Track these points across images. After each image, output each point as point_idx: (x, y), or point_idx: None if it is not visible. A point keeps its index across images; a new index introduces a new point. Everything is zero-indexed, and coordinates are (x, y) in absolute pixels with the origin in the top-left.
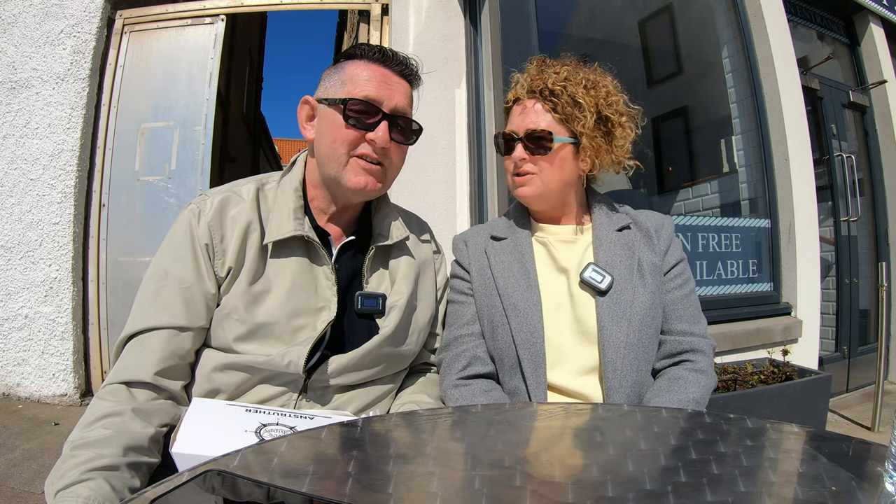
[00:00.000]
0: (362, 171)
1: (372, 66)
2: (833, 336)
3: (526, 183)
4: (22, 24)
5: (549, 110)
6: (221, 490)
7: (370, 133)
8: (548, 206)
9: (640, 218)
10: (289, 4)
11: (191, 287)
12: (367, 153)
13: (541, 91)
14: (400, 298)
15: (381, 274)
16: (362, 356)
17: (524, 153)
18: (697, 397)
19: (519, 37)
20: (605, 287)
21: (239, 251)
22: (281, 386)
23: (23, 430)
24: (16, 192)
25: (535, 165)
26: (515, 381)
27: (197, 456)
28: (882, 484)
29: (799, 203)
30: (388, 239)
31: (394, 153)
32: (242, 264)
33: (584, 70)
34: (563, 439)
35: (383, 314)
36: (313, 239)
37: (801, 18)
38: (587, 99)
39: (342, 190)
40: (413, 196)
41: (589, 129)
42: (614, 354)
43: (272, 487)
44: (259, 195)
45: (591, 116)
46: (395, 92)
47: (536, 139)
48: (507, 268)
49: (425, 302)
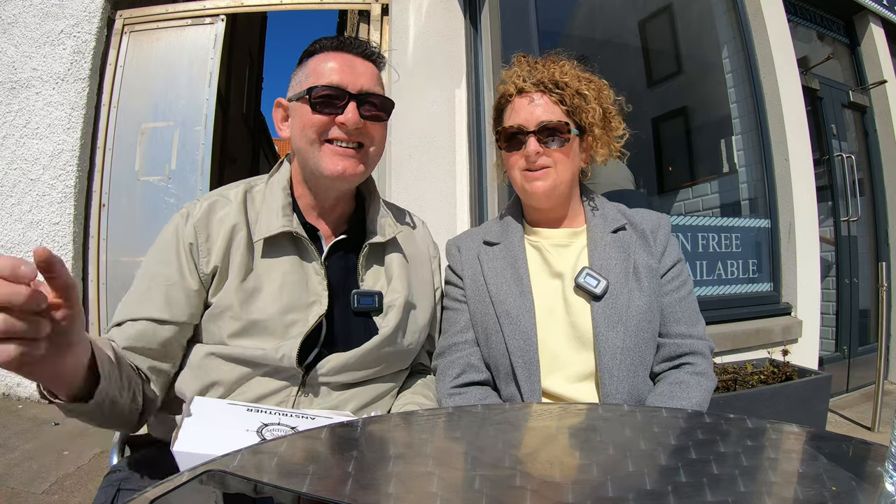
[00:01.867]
0: (338, 156)
1: (332, 54)
2: (833, 336)
3: (542, 177)
4: (22, 24)
5: (556, 102)
6: (221, 490)
7: (340, 116)
8: (556, 202)
9: (636, 218)
10: (289, 4)
11: (174, 285)
12: (339, 136)
13: (547, 84)
14: (398, 297)
15: (376, 271)
16: (362, 355)
17: (538, 146)
18: (700, 401)
19: (519, 37)
20: (599, 292)
21: (224, 251)
22: (280, 381)
23: (23, 430)
24: (16, 192)
25: (550, 158)
26: (510, 389)
27: (199, 454)
28: (882, 484)
29: (799, 203)
30: (382, 236)
31: (373, 131)
32: (229, 264)
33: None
34: (563, 439)
35: (380, 312)
36: (301, 234)
37: (801, 18)
38: (590, 91)
39: (323, 180)
40: (413, 196)
41: (598, 120)
42: (610, 360)
43: (272, 487)
44: (247, 197)
45: (598, 108)
46: (359, 74)
47: (552, 131)
48: (500, 274)
49: (423, 301)
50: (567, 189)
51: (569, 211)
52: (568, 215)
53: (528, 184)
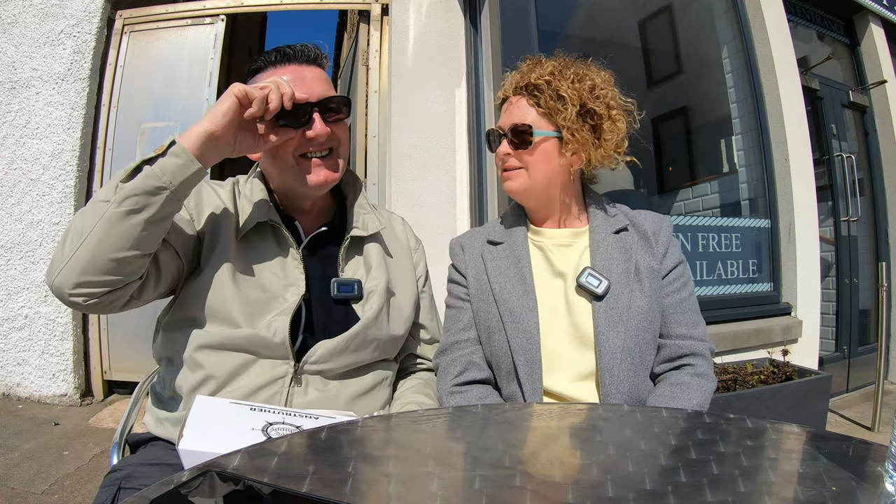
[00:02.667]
0: (316, 167)
1: (278, 69)
2: (833, 336)
3: (511, 178)
4: (22, 24)
5: (532, 105)
6: (221, 490)
7: (309, 131)
8: (535, 201)
9: (638, 219)
10: (289, 4)
11: (179, 218)
12: (312, 149)
13: (525, 87)
14: (378, 283)
15: (356, 262)
16: (349, 339)
17: (508, 148)
18: (700, 402)
19: (519, 37)
20: (601, 292)
21: (213, 224)
22: (273, 371)
23: (23, 430)
24: (16, 192)
25: (520, 160)
26: (512, 387)
27: (205, 452)
28: (882, 484)
29: (799, 203)
30: (364, 230)
31: (339, 132)
32: (214, 243)
33: (575, 65)
34: (563, 439)
35: (360, 299)
36: (277, 222)
37: (801, 18)
38: (570, 92)
39: (304, 190)
40: (413, 196)
41: (570, 122)
42: (611, 360)
43: (272, 487)
44: (234, 188)
45: (572, 109)
46: (311, 82)
47: (518, 133)
48: (504, 273)
49: (405, 288)
50: (546, 189)
51: (564, 211)
52: (570, 216)
53: (503, 183)
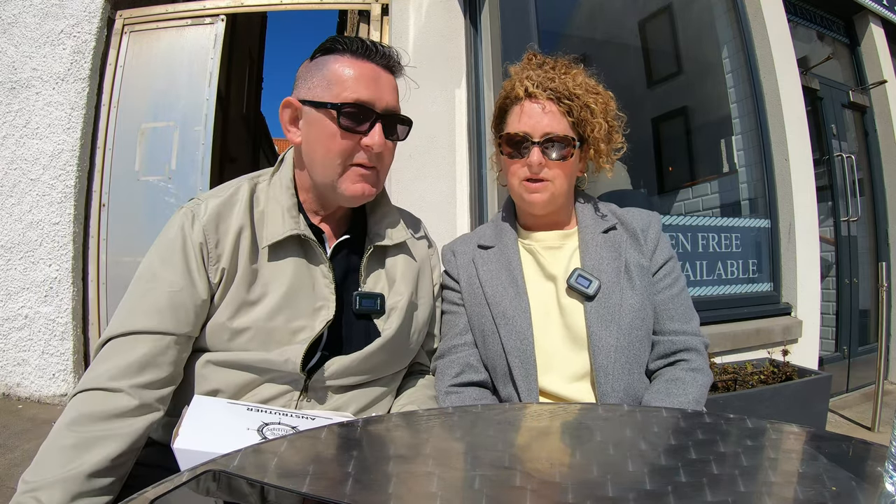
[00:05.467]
0: (359, 178)
1: (357, 62)
2: (833, 336)
3: (540, 190)
4: (22, 24)
5: (564, 113)
6: (221, 490)
7: (365, 139)
8: (552, 210)
9: (627, 217)
10: (289, 4)
11: (180, 291)
12: (363, 161)
13: (560, 92)
14: (401, 299)
15: (377, 273)
16: (365, 358)
17: (542, 158)
18: (697, 397)
19: (519, 37)
20: (592, 292)
21: (232, 255)
22: (282, 385)
23: (23, 430)
24: (16, 192)
25: (552, 171)
26: (508, 389)
27: (200, 452)
28: (882, 484)
29: (799, 203)
30: (388, 240)
31: (386, 154)
32: (236, 270)
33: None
34: (563, 439)
35: (381, 314)
36: (310, 237)
37: (801, 18)
38: (597, 105)
39: (337, 196)
40: (413, 196)
41: (602, 135)
42: (605, 359)
43: (272, 487)
44: (252, 197)
45: (604, 122)
46: (385, 90)
47: (556, 144)
48: (495, 276)
49: (424, 301)
50: (565, 199)
51: (560, 214)
52: (560, 218)
53: (526, 194)
